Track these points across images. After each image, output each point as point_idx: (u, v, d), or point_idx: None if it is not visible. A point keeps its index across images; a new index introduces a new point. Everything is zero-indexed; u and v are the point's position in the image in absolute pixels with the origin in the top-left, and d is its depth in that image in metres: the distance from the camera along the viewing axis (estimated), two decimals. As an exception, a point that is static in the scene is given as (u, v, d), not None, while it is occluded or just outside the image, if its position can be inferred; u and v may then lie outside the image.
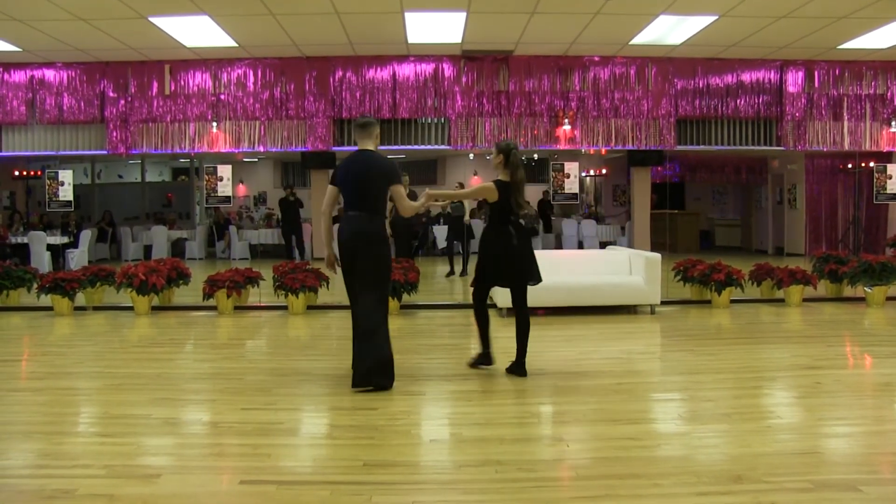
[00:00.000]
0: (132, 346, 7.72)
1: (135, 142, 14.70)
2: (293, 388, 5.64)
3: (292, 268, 9.68)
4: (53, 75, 14.55)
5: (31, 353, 7.46)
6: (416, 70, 14.37)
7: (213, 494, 3.54)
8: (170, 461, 4.01)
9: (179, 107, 14.61)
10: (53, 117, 14.59)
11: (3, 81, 14.58)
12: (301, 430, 4.66)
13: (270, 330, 8.51)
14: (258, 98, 14.55)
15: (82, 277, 9.94)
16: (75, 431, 4.76)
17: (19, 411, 5.16)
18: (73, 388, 5.89)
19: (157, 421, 4.76)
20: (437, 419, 4.88)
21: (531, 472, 3.73)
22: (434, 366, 6.44)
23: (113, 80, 14.56)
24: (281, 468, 3.86)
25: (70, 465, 3.95)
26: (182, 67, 14.50)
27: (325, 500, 3.40)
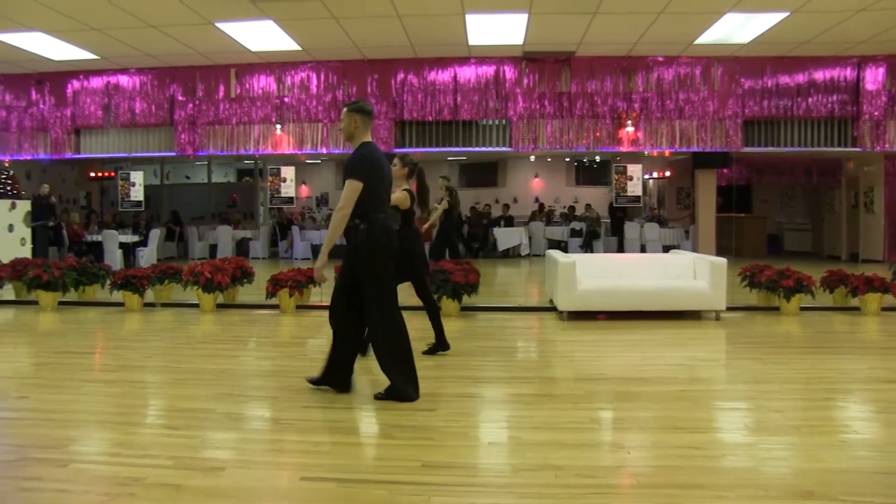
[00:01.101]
0: (197, 343, 7.89)
1: (202, 143, 15.03)
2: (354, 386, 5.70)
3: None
4: (127, 81, 14.97)
5: (104, 347, 7.69)
6: (477, 72, 14.38)
7: (275, 489, 3.61)
8: (233, 455, 4.09)
9: (245, 109, 14.89)
10: (126, 121, 15.02)
11: (81, 88, 15.07)
12: (360, 429, 4.70)
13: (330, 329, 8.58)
14: (321, 100, 14.73)
15: (151, 275, 10.22)
16: (144, 423, 4.90)
17: (94, 402, 5.34)
18: (142, 381, 6.06)
19: (221, 416, 4.87)
20: (495, 422, 4.87)
21: (590, 478, 3.69)
22: (493, 368, 6.42)
23: (182, 84, 14.91)
24: (340, 466, 3.90)
25: (140, 454, 4.07)
26: (247, 71, 14.78)
27: (383, 499, 3.42)
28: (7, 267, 10.85)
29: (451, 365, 6.40)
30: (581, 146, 14.49)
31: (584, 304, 8.80)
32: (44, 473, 3.80)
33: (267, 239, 19.98)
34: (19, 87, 15.28)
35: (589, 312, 8.89)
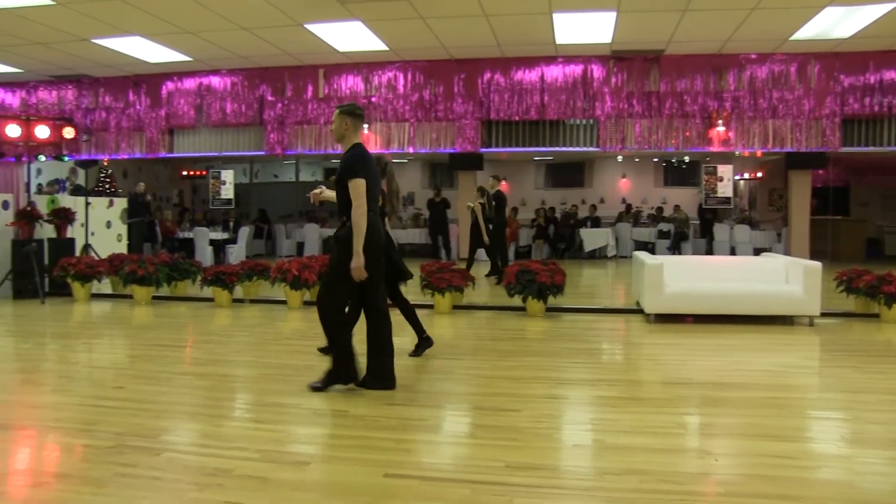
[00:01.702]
0: (284, 339, 8.05)
1: (290, 143, 15.35)
2: (436, 385, 5.73)
3: (439, 267, 9.81)
4: (218, 81, 15.41)
5: (195, 341, 7.92)
6: (564, 71, 14.28)
7: (358, 485, 3.64)
8: (318, 450, 4.15)
9: (332, 109, 15.12)
10: (218, 120, 15.46)
11: (175, 89, 15.58)
12: (443, 428, 4.71)
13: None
14: (408, 100, 14.87)
15: (240, 271, 10.48)
16: (233, 416, 5.03)
17: (185, 394, 5.51)
18: (230, 375, 6.22)
19: (307, 411, 4.95)
20: (580, 424, 4.82)
21: (676, 484, 3.61)
22: (578, 370, 6.35)
23: (271, 84, 15.26)
24: (423, 464, 3.91)
25: (228, 446, 4.17)
26: (335, 71, 15.03)
27: (466, 498, 3.42)
28: (105, 262, 11.30)
29: (535, 366, 6.36)
30: (670, 146, 14.22)
31: (672, 306, 8.63)
32: (139, 461, 3.94)
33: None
34: (118, 89, 15.90)
35: (676, 315, 8.71)
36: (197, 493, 3.49)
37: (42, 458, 4.14)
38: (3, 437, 4.54)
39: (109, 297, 11.34)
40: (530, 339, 7.86)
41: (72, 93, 16.13)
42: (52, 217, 11.71)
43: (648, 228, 19.44)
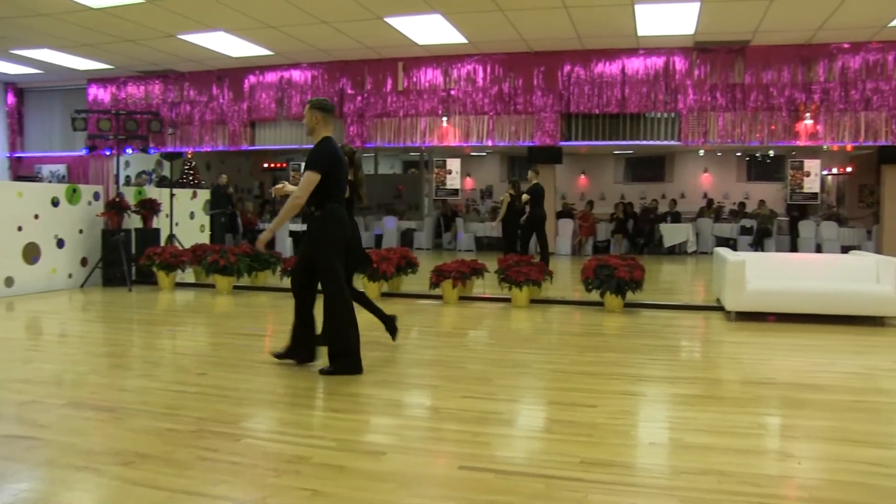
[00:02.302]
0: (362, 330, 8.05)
1: (370, 135, 15.50)
2: (513, 379, 5.71)
3: (517, 261, 9.78)
4: (299, 75, 15.66)
5: (275, 330, 8.08)
6: (645, 63, 14.04)
7: (434, 476, 3.66)
8: (394, 441, 4.18)
9: (412, 102, 15.22)
10: (298, 113, 15.70)
11: (257, 82, 15.90)
12: (519, 422, 4.69)
13: (493, 321, 8.65)
14: (487, 93, 14.84)
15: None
16: (311, 405, 5.11)
17: (265, 382, 5.62)
18: (309, 364, 6.30)
19: (383, 402, 5.00)
20: (657, 422, 4.73)
21: (756, 486, 3.50)
22: (656, 367, 6.24)
23: (351, 77, 15.43)
24: (498, 457, 3.90)
25: (306, 434, 4.24)
26: (414, 64, 15.10)
27: (540, 493, 3.40)
28: (188, 252, 11.62)
29: (613, 362, 6.29)
30: (754, 140, 13.85)
31: (754, 304, 8.41)
32: (220, 445, 4.04)
33: (431, 230, 20.35)
34: (202, 83, 16.31)
35: (758, 314, 8.48)
36: (275, 479, 3.56)
37: (129, 439, 4.29)
38: (94, 416, 4.72)
39: (192, 286, 11.66)
40: (608, 335, 7.76)
41: (158, 87, 16.63)
42: (139, 208, 12.11)
43: (730, 224, 18.98)
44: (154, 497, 3.36)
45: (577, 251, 18.09)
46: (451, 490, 3.44)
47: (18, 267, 10.61)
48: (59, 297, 10.53)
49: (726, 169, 22.42)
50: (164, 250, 11.44)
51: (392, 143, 15.60)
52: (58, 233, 11.25)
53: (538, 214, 12.79)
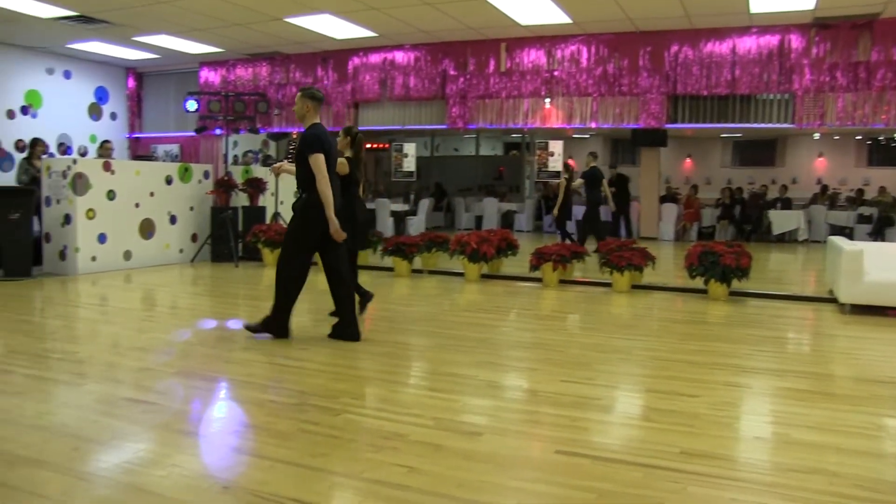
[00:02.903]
0: (461, 310, 8.17)
1: (472, 117, 15.46)
2: (612, 365, 5.62)
3: (619, 245, 9.62)
4: (402, 56, 15.74)
5: (375, 309, 8.18)
6: (758, 42, 13.50)
7: (529, 459, 3.63)
8: (490, 422, 4.17)
9: (514, 83, 15.10)
10: (401, 95, 15.80)
11: (361, 64, 16.07)
12: (618, 409, 4.61)
13: (593, 305, 8.54)
14: (591, 74, 14.59)
15: (420, 243, 10.72)
16: (409, 383, 5.17)
17: (364, 358, 5.71)
18: (407, 343, 6.38)
19: (481, 383, 5.00)
20: (762, 415, 4.56)
21: (872, 491, 3.30)
22: (762, 358, 6.02)
23: (454, 59, 15.40)
24: (595, 443, 3.84)
25: (404, 412, 4.28)
26: (517, 45, 14.96)
27: (637, 481, 3.33)
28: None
29: (717, 351, 6.10)
30: (878, 122, 13.10)
31: (872, 297, 7.98)
32: (320, 419, 4.12)
33: (532, 212, 20.22)
34: (307, 65, 16.60)
35: (876, 307, 8.05)
36: (373, 454, 3.60)
37: (235, 409, 4.42)
38: (203, 385, 4.90)
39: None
40: (712, 324, 7.54)
41: (265, 69, 17.01)
42: (246, 186, 12.46)
43: (846, 212, 18.11)
44: (257, 465, 3.46)
45: (680, 237, 17.65)
46: (547, 474, 3.41)
47: (135, 241, 11.12)
48: (170, 271, 10.97)
49: (844, 153, 21.39)
50: (269, 228, 11.74)
51: (494, 124, 15.53)
52: (171, 209, 11.72)
53: (593, 198, 13.05)
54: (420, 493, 3.15)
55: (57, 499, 3.08)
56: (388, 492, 3.16)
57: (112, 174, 10.75)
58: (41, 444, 3.72)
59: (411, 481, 3.27)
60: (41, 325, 7.06)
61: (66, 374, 5.14)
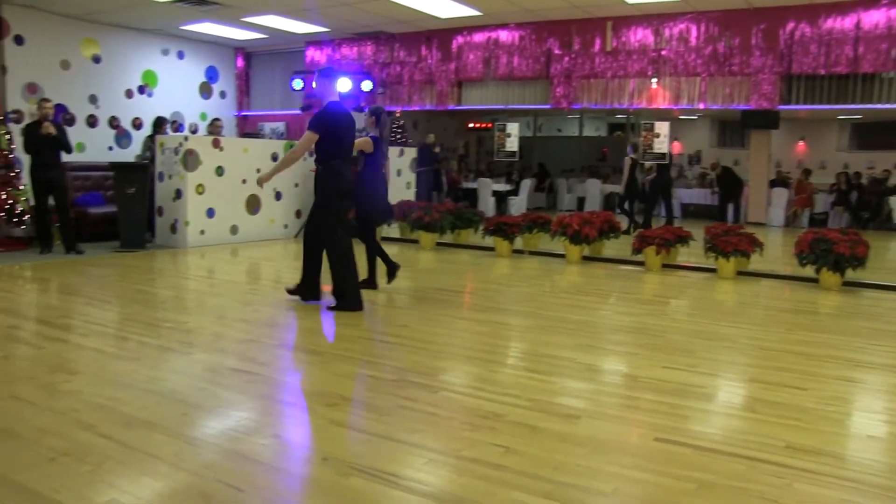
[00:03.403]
0: (561, 292, 8.10)
1: (576, 97, 15.25)
2: (716, 353, 5.46)
3: (725, 230, 9.33)
4: (506, 35, 15.62)
5: (474, 288, 8.21)
6: (888, 16, 12.72)
7: (627, 445, 3.57)
8: (588, 405, 4.12)
9: (620, 63, 14.79)
10: (504, 74, 15.70)
11: (465, 43, 16.04)
12: (721, 398, 4.48)
13: (696, 291, 8.33)
14: (700, 53, 14.15)
15: (521, 223, 10.68)
16: (507, 363, 5.16)
17: (463, 337, 5.74)
18: (507, 323, 6.37)
19: (580, 366, 4.94)
20: (877, 413, 4.33)
21: None
22: (879, 353, 5.74)
23: (558, 38, 15.19)
24: (696, 433, 3.75)
25: (501, 392, 4.28)
26: (624, 24, 14.63)
27: (740, 474, 3.23)
28: (394, 208, 11.99)
29: (828, 343, 5.85)
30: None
31: None
32: (418, 396, 4.16)
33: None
34: (412, 44, 16.67)
35: None
36: (469, 433, 3.61)
37: (334, 382, 4.51)
38: (304, 358, 5.02)
39: (397, 240, 12.07)
40: (823, 314, 7.24)
41: (370, 49, 17.18)
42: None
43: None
44: (355, 438, 3.53)
45: (790, 222, 16.98)
46: (645, 461, 3.35)
47: (242, 217, 11.47)
48: (275, 246, 11.27)
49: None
50: (372, 206, 11.88)
51: (598, 104, 15.26)
52: (276, 186, 12.02)
53: (664, 179, 13.67)
54: (516, 473, 3.15)
55: (168, 460, 3.21)
56: (484, 471, 3.16)
57: (221, 151, 11.10)
58: (154, 408, 3.89)
59: (507, 461, 3.26)
60: (153, 295, 7.37)
61: (175, 343, 5.36)
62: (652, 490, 3.06)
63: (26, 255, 9.63)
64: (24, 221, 10.11)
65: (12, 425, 3.60)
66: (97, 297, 7.15)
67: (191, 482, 3.01)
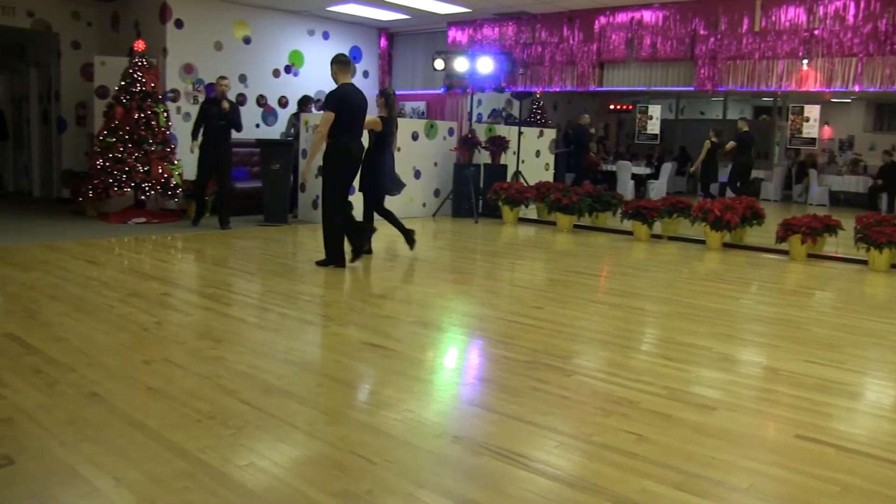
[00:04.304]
0: (699, 279, 7.91)
1: (721, 79, 14.70)
2: (863, 349, 5.22)
3: (878, 220, 8.83)
4: (650, 16, 15.22)
5: (611, 272, 8.13)
6: None
7: (765, 440, 3.49)
8: (724, 396, 4.03)
9: (769, 44, 14.14)
10: (647, 55, 15.32)
11: (608, 23, 15.75)
12: (868, 397, 4.29)
13: (844, 284, 7.94)
14: (858, 32, 13.34)
15: (661, 207, 10.47)
16: (641, 349, 5.11)
17: (598, 321, 5.72)
18: (642, 309, 6.30)
19: (717, 355, 4.84)
20: None
21: None
22: None
23: (704, 17, 14.68)
24: (840, 432, 3.60)
25: (635, 378, 4.25)
26: (774, 2, 13.97)
27: (889, 480, 3.08)
28: (532, 189, 12.01)
29: None
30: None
31: None
32: (550, 378, 4.19)
33: (780, 181, 19.03)
34: (553, 24, 16.49)
35: None
36: (602, 418, 3.62)
37: (468, 361, 4.61)
38: (437, 336, 5.14)
39: (534, 222, 12.08)
40: None
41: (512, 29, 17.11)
42: (489, 144, 12.75)
43: None
44: (488, 418, 3.60)
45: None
46: (784, 458, 3.26)
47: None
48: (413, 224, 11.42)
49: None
50: (510, 186, 11.95)
51: (745, 86, 14.65)
52: (416, 164, 12.25)
53: (744, 162, 14.00)
54: (648, 462, 3.14)
55: (304, 429, 3.38)
56: (616, 457, 3.17)
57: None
58: (291, 377, 4.09)
59: (640, 449, 3.26)
60: (294, 268, 7.69)
61: (313, 315, 5.60)
62: (791, 489, 2.98)
63: (178, 226, 10.22)
64: (177, 195, 10.74)
65: (165, 386, 3.88)
66: (241, 268, 7.54)
67: (325, 451, 3.17)
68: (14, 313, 5.33)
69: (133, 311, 5.47)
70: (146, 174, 10.34)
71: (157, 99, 10.74)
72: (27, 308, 5.46)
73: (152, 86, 10.66)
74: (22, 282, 6.36)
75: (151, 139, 10.47)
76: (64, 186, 12.69)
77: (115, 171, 10.21)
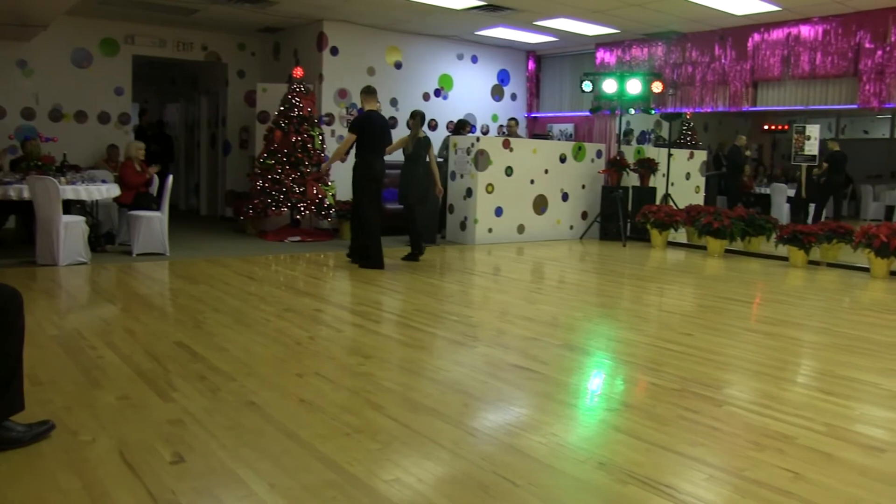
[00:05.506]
0: (863, 309, 7.44)
1: (889, 95, 13.86)
2: None
3: None
4: (808, 31, 14.56)
5: (765, 299, 7.79)
6: None
7: (941, 486, 3.23)
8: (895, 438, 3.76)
9: (946, 55, 13.22)
10: (805, 72, 14.65)
11: (762, 40, 15.19)
12: None
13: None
14: None
15: (820, 232, 9.95)
16: (798, 381, 4.85)
17: (751, 350, 5.48)
18: (799, 338, 5.99)
19: (885, 392, 4.52)
20: None
21: None
22: None
23: (870, 30, 13.89)
24: None
25: (791, 412, 4.03)
26: (954, 11, 13.05)
27: None
28: (682, 212, 11.70)
29: None
30: None
31: None
32: (700, 408, 4.04)
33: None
34: (704, 43, 16.06)
35: None
36: (755, 452, 3.45)
37: (615, 387, 4.52)
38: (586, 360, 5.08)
39: (683, 245, 11.75)
40: None
41: (661, 49, 16.80)
42: (638, 167, 12.54)
43: None
44: (634, 446, 3.51)
45: None
46: (963, 506, 3.00)
47: (529, 216, 11.81)
48: (560, 246, 11.44)
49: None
50: (659, 209, 11.70)
51: (920, 103, 13.76)
52: (563, 187, 12.22)
53: (835, 181, 14.28)
54: (805, 502, 2.96)
55: (449, 448, 3.41)
56: (770, 495, 3.01)
57: (510, 151, 11.47)
58: (437, 396, 4.14)
59: (796, 489, 3.08)
60: (441, 288, 7.80)
61: (460, 336, 5.64)
62: (969, 539, 2.74)
63: (331, 245, 10.59)
64: (330, 214, 11.16)
65: (316, 399, 4.02)
66: (390, 287, 7.71)
67: (469, 471, 3.17)
68: (184, 323, 5.72)
69: (288, 326, 5.71)
70: (302, 194, 10.80)
71: (313, 123, 11.25)
72: (194, 318, 5.84)
73: (309, 110, 11.16)
74: (190, 294, 6.82)
75: (307, 161, 10.95)
76: (227, 206, 13.47)
77: (274, 192, 10.74)
